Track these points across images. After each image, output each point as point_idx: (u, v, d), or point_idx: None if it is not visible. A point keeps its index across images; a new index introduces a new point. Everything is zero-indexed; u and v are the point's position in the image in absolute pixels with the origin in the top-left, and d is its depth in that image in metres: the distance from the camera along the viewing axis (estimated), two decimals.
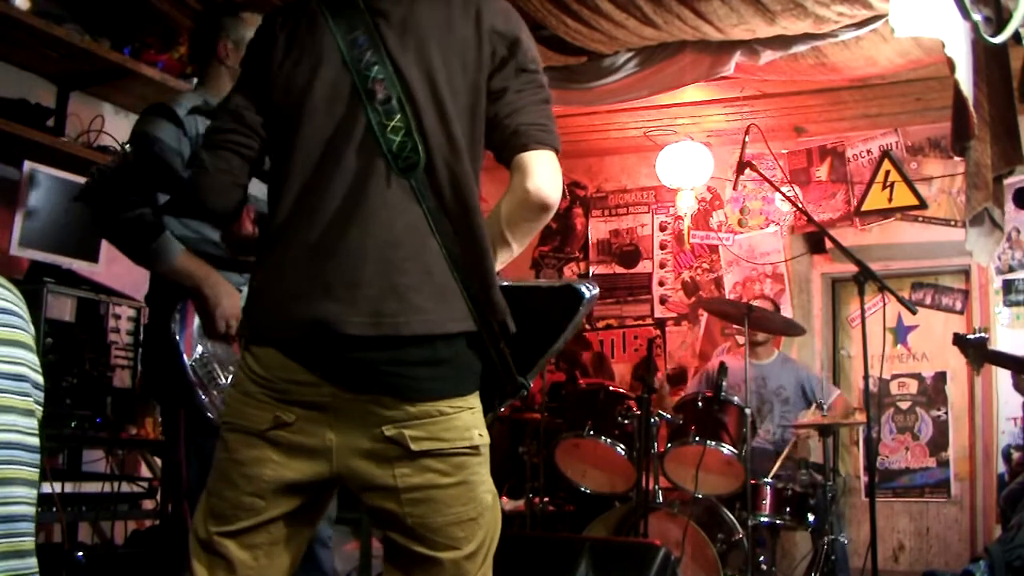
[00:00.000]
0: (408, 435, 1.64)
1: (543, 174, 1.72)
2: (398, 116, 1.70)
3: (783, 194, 4.64)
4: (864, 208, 5.88)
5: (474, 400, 1.73)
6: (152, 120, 2.54)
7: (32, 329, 1.75)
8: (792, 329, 5.14)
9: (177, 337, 2.50)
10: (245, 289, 1.82)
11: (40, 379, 1.74)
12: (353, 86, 1.72)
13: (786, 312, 5.83)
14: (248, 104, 1.81)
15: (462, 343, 1.69)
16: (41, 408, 1.74)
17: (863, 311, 3.82)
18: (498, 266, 1.78)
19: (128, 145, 2.59)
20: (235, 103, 1.83)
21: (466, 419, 1.70)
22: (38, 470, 1.69)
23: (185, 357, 2.49)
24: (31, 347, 1.72)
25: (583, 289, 1.78)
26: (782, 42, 4.07)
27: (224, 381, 2.51)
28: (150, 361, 2.73)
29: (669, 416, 4.42)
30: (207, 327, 2.51)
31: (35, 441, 1.69)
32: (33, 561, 1.65)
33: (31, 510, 1.67)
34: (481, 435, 1.72)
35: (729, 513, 4.32)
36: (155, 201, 2.52)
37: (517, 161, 1.73)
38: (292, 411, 1.67)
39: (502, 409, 1.94)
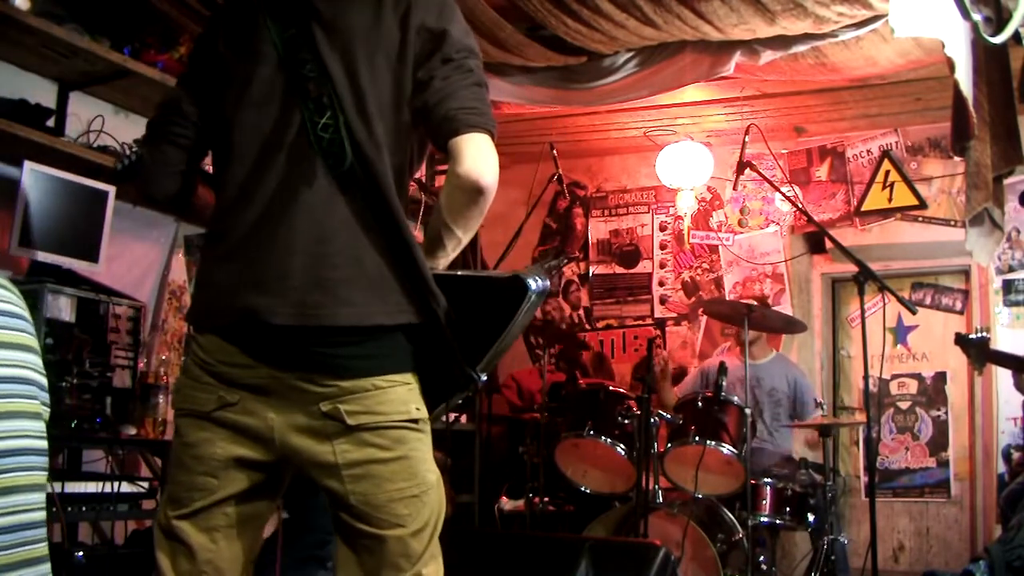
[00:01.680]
0: (344, 409, 1.68)
1: (473, 156, 1.71)
2: (328, 114, 1.73)
3: (783, 194, 4.64)
4: (864, 208, 5.87)
5: (410, 378, 1.75)
6: None
7: (34, 330, 1.76)
8: (793, 327, 5.14)
9: None
10: None
11: (44, 381, 1.75)
12: (288, 84, 1.76)
13: (786, 312, 5.82)
14: (186, 96, 1.87)
15: (398, 334, 1.72)
16: (48, 409, 1.75)
17: (863, 311, 3.82)
18: (449, 255, 1.80)
19: None
20: (173, 95, 1.90)
21: (401, 393, 1.73)
22: (47, 473, 1.70)
23: None
24: (35, 349, 1.73)
25: (529, 282, 1.74)
26: (782, 42, 4.07)
27: None
28: None
29: (669, 416, 4.42)
30: None
31: (43, 444, 1.70)
32: (47, 568, 1.65)
33: (43, 515, 1.67)
34: (419, 409, 1.75)
35: (729, 513, 4.32)
36: None
37: (450, 147, 1.74)
38: (236, 392, 1.72)
39: (459, 402, 1.94)
